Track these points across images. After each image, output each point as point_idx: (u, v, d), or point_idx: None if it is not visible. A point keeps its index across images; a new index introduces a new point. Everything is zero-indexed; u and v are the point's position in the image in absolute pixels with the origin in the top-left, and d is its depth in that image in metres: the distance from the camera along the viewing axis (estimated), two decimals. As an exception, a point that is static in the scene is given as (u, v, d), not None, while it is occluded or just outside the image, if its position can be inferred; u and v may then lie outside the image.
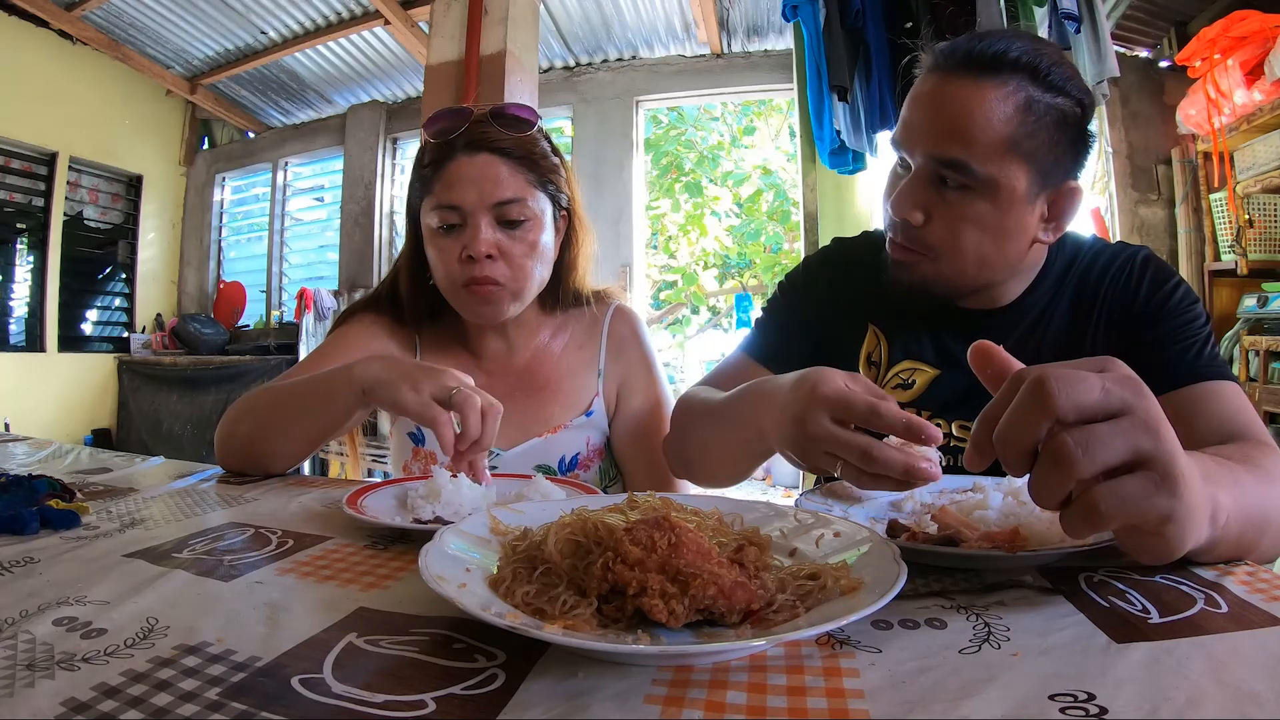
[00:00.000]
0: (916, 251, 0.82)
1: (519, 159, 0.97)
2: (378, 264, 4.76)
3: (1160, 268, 0.86)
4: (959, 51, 0.78)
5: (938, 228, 0.80)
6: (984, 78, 0.75)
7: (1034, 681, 0.36)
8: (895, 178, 0.85)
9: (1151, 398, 0.41)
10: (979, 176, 0.76)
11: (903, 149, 0.82)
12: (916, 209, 0.80)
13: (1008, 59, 0.75)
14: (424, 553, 0.45)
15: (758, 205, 6.81)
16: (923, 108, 0.80)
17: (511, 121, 0.98)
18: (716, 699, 0.35)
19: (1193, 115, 3.00)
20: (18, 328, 4.60)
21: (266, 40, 4.45)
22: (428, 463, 1.05)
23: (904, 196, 0.80)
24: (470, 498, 0.71)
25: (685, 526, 0.44)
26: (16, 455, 1.09)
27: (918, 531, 0.58)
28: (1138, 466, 0.39)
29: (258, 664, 0.38)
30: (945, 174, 0.78)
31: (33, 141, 4.50)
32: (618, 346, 1.12)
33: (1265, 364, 2.60)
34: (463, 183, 0.95)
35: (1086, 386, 0.39)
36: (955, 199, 0.78)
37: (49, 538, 0.62)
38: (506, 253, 0.96)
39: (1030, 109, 0.75)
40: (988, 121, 0.75)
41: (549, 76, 4.38)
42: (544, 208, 1.00)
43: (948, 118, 0.77)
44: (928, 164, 0.79)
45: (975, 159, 0.76)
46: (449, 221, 0.96)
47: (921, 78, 0.82)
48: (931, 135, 0.78)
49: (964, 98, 0.76)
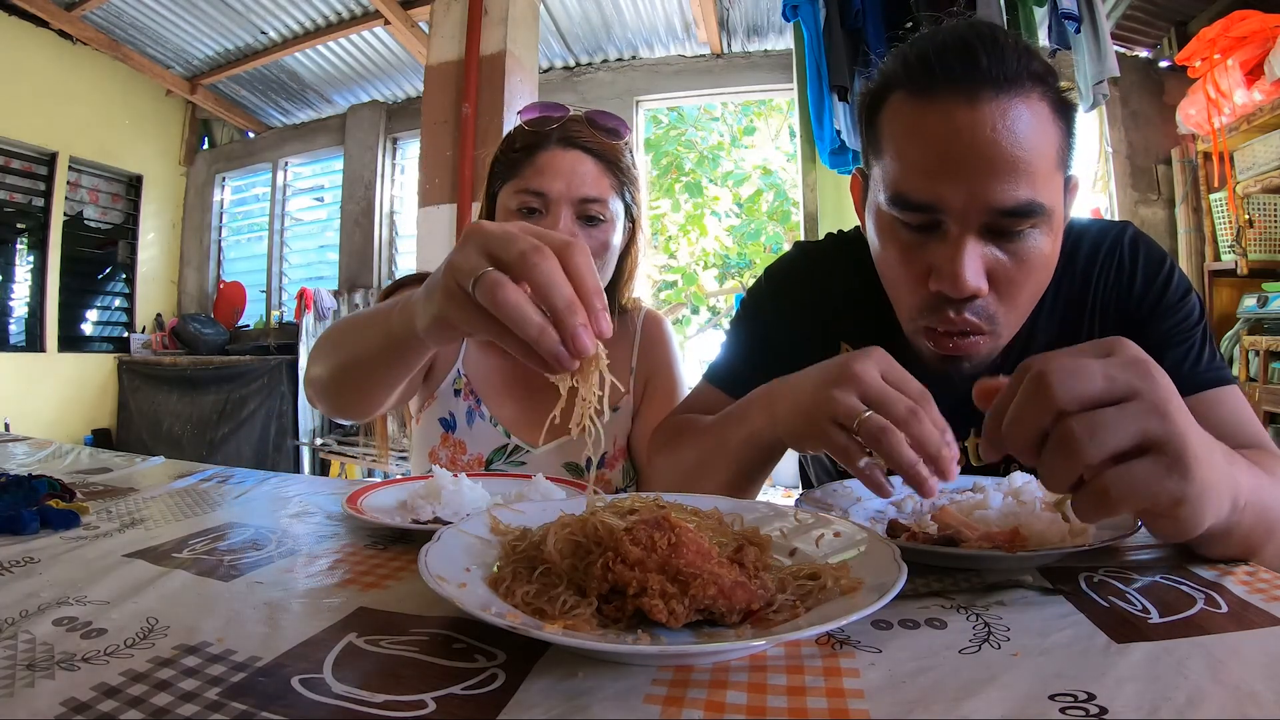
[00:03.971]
0: (982, 331, 0.67)
1: (607, 163, 1.01)
2: (378, 264, 4.76)
3: (1150, 248, 0.80)
4: (958, 60, 0.62)
5: (1001, 291, 0.66)
6: (1010, 88, 0.62)
7: (1034, 681, 0.36)
8: (899, 235, 0.68)
9: (1161, 378, 0.40)
10: (1046, 212, 0.63)
11: (935, 203, 0.63)
12: (982, 276, 0.64)
13: (1016, 53, 0.63)
14: (424, 553, 0.45)
15: (758, 205, 6.81)
16: (966, 143, 0.61)
17: (606, 129, 1.02)
18: (716, 699, 0.35)
19: (1193, 115, 3.00)
20: (18, 328, 4.60)
21: (266, 40, 4.45)
22: (456, 451, 1.06)
23: (969, 269, 0.62)
24: (470, 498, 0.71)
25: (685, 526, 0.44)
26: (16, 455, 1.09)
27: (918, 531, 0.58)
28: (1148, 450, 0.39)
29: (258, 664, 0.38)
30: (1010, 223, 0.63)
31: (33, 141, 4.50)
32: (649, 347, 1.15)
33: (1265, 364, 2.60)
34: (552, 172, 0.97)
35: (1088, 376, 0.39)
36: (1019, 249, 0.64)
37: (49, 538, 0.62)
38: None
39: (1057, 112, 0.65)
40: (1043, 137, 0.63)
41: (549, 76, 4.38)
42: (618, 213, 1.03)
43: (1008, 147, 0.61)
44: (985, 216, 0.63)
45: (1040, 193, 0.62)
46: (529, 205, 0.98)
47: (921, 104, 0.64)
48: (992, 179, 0.61)
49: (1011, 118, 0.61)
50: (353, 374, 0.74)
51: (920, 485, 0.51)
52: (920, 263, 0.67)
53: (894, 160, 0.67)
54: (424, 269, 1.17)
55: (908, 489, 0.61)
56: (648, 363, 1.15)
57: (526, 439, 1.06)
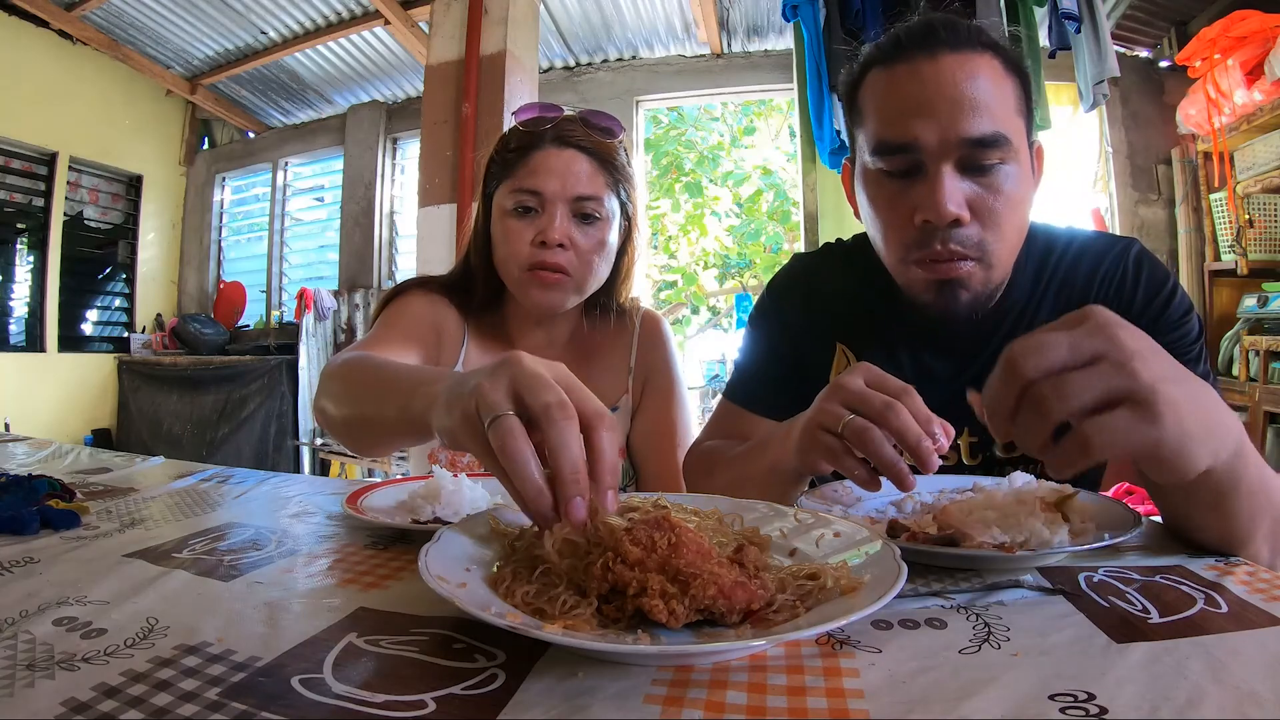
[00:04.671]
0: (970, 257, 0.72)
1: (601, 161, 1.02)
2: (378, 264, 4.76)
3: (1154, 268, 0.82)
4: (921, 34, 0.73)
5: (984, 221, 0.72)
6: (966, 48, 0.72)
7: (1034, 681, 0.36)
8: (885, 186, 0.75)
9: (1128, 338, 0.43)
10: (1012, 146, 0.71)
11: (912, 143, 0.71)
12: (964, 206, 0.71)
13: (968, 28, 0.73)
14: (424, 553, 0.45)
15: (758, 205, 6.81)
16: (932, 88, 0.70)
17: (601, 128, 1.02)
18: (716, 699, 0.35)
19: (1193, 115, 3.00)
20: (18, 328, 4.60)
21: (266, 40, 4.45)
22: (456, 452, 1.06)
23: (943, 194, 0.69)
24: (470, 498, 0.71)
25: (685, 526, 0.44)
26: (16, 455, 1.09)
27: (918, 531, 0.58)
28: (1120, 403, 0.42)
29: (258, 664, 0.38)
30: (979, 153, 0.70)
31: (33, 141, 4.49)
32: (647, 346, 1.15)
33: (1265, 364, 2.60)
34: (547, 171, 0.98)
35: (1051, 346, 0.43)
36: (992, 181, 0.71)
37: (49, 538, 0.62)
38: (577, 245, 0.99)
39: (1010, 70, 0.73)
40: (999, 86, 0.71)
41: (549, 76, 4.38)
42: (614, 211, 1.04)
43: (968, 90, 0.70)
44: (958, 149, 0.70)
45: (1003, 128, 0.70)
46: (525, 205, 0.99)
47: (891, 68, 0.74)
48: (958, 114, 0.69)
49: (970, 69, 0.70)
50: (368, 431, 0.75)
51: (900, 481, 0.56)
52: (905, 205, 0.73)
53: (873, 117, 0.76)
54: (424, 270, 1.16)
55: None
56: (646, 362, 1.15)
57: None
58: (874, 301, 0.88)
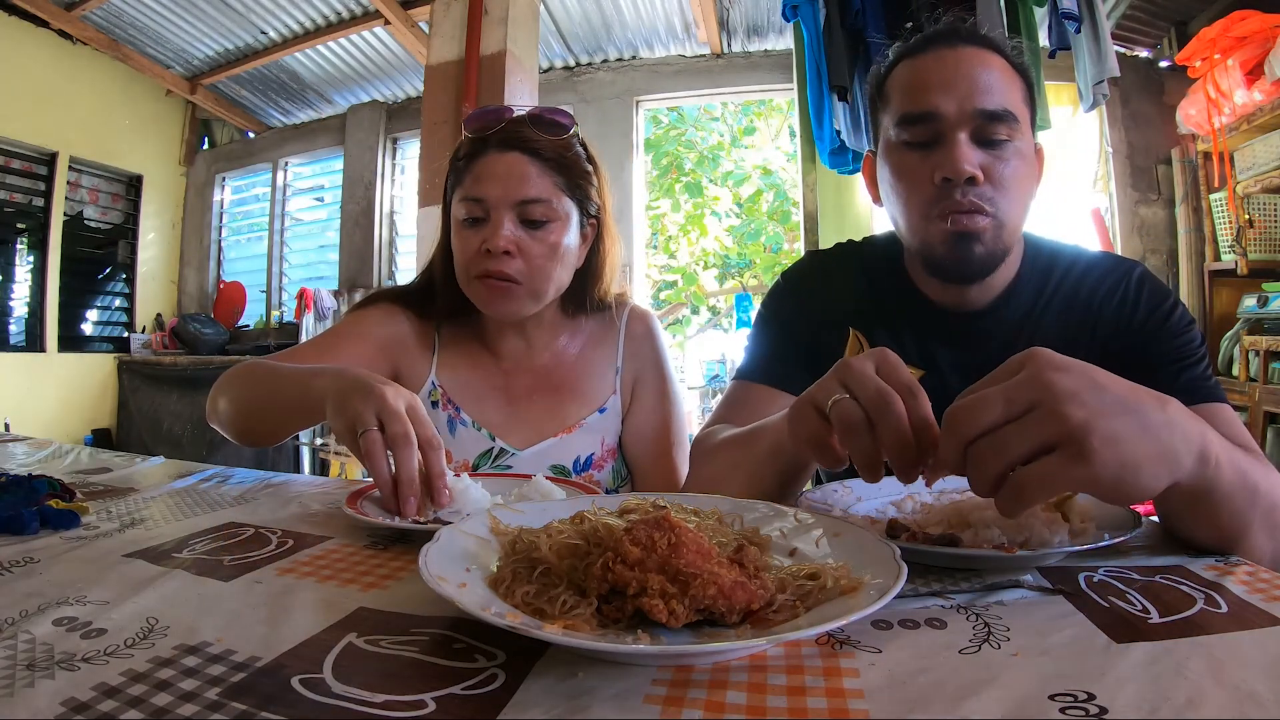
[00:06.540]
0: (985, 212, 0.80)
1: (549, 161, 0.99)
2: (378, 264, 4.76)
3: (1156, 287, 0.86)
4: (945, 32, 0.84)
5: (995, 183, 0.80)
6: (984, 46, 0.83)
7: (1034, 681, 0.36)
8: (907, 156, 0.83)
9: (1064, 379, 0.44)
10: (1020, 127, 0.81)
11: (933, 112, 0.80)
12: (976, 165, 0.79)
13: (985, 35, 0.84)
14: (424, 553, 0.45)
15: (758, 205, 6.81)
16: (951, 69, 0.81)
17: (547, 125, 1.00)
18: (716, 699, 0.35)
19: (1193, 115, 3.00)
20: (18, 328, 4.59)
21: (266, 40, 4.45)
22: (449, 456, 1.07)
23: (961, 154, 0.78)
24: (470, 498, 0.71)
25: (685, 526, 0.44)
26: (16, 455, 1.09)
27: (918, 531, 0.58)
28: (1054, 448, 0.44)
29: (258, 664, 0.38)
30: (991, 127, 0.79)
31: (33, 141, 4.49)
32: (634, 345, 1.13)
33: (1265, 364, 2.60)
34: (490, 178, 0.97)
35: (986, 404, 0.45)
36: (1002, 154, 0.80)
37: (49, 538, 0.62)
38: (526, 251, 0.97)
39: (1018, 72, 0.83)
40: (1009, 80, 0.82)
41: (549, 76, 4.38)
42: (569, 211, 1.01)
43: (983, 74, 0.80)
44: (973, 120, 0.79)
45: (1013, 107, 0.80)
46: (473, 214, 0.98)
47: (919, 56, 0.84)
48: (974, 90, 0.79)
49: (985, 60, 0.81)
50: (265, 415, 0.92)
51: (869, 476, 0.53)
52: (926, 170, 0.81)
53: (898, 95, 0.85)
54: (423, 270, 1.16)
55: (907, 488, 0.61)
56: (635, 361, 1.12)
57: (511, 442, 1.06)
58: (885, 290, 0.94)
